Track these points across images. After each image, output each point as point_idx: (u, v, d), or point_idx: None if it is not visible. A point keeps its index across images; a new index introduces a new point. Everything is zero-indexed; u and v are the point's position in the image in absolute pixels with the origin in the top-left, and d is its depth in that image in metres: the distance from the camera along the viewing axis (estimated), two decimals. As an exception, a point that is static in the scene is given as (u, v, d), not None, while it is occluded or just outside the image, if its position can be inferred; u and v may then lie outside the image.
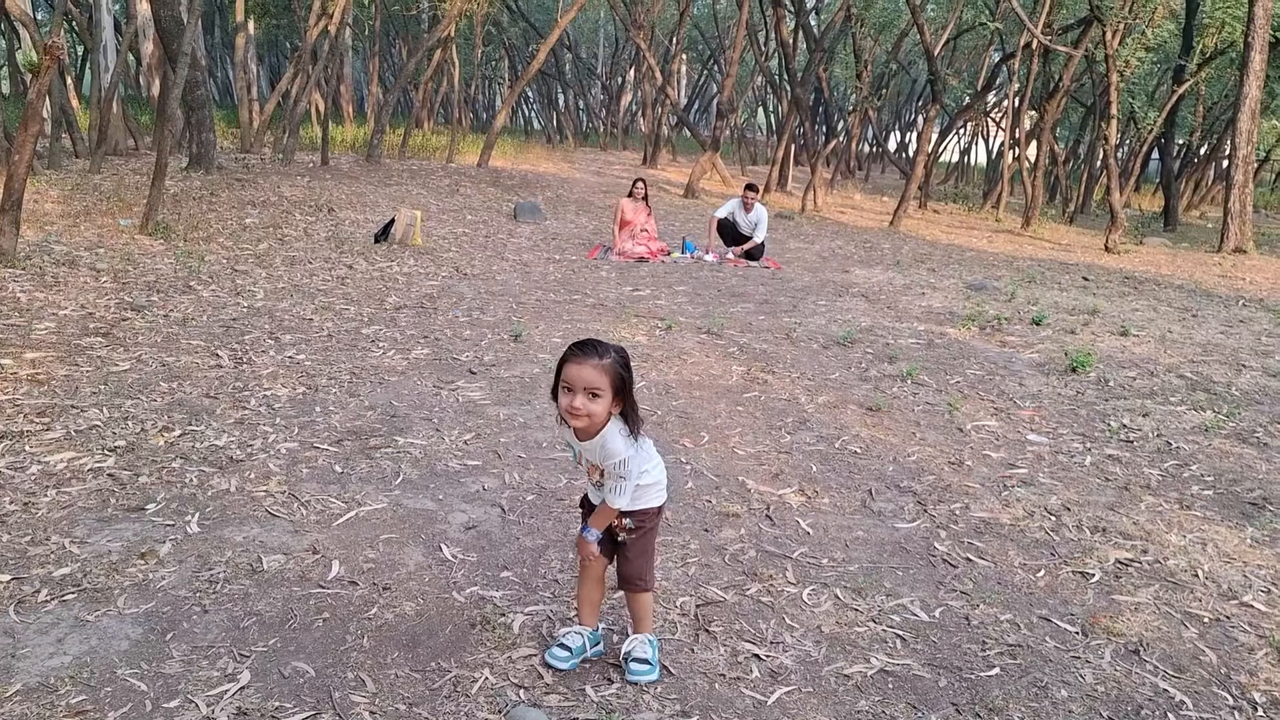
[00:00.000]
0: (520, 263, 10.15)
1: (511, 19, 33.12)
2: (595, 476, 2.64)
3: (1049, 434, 5.12)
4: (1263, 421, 5.51)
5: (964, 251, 14.12)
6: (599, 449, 2.54)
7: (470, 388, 5.32)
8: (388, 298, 7.67)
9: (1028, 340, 7.48)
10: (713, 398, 5.41)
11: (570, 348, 2.48)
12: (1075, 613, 3.16)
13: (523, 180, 19.06)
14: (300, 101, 18.02)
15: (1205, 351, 7.43)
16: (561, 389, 2.46)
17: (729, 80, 21.20)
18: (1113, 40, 15.75)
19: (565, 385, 2.45)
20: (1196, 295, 10.76)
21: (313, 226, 11.18)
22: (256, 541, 3.34)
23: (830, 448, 4.67)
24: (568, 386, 2.44)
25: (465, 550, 3.37)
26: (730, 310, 8.11)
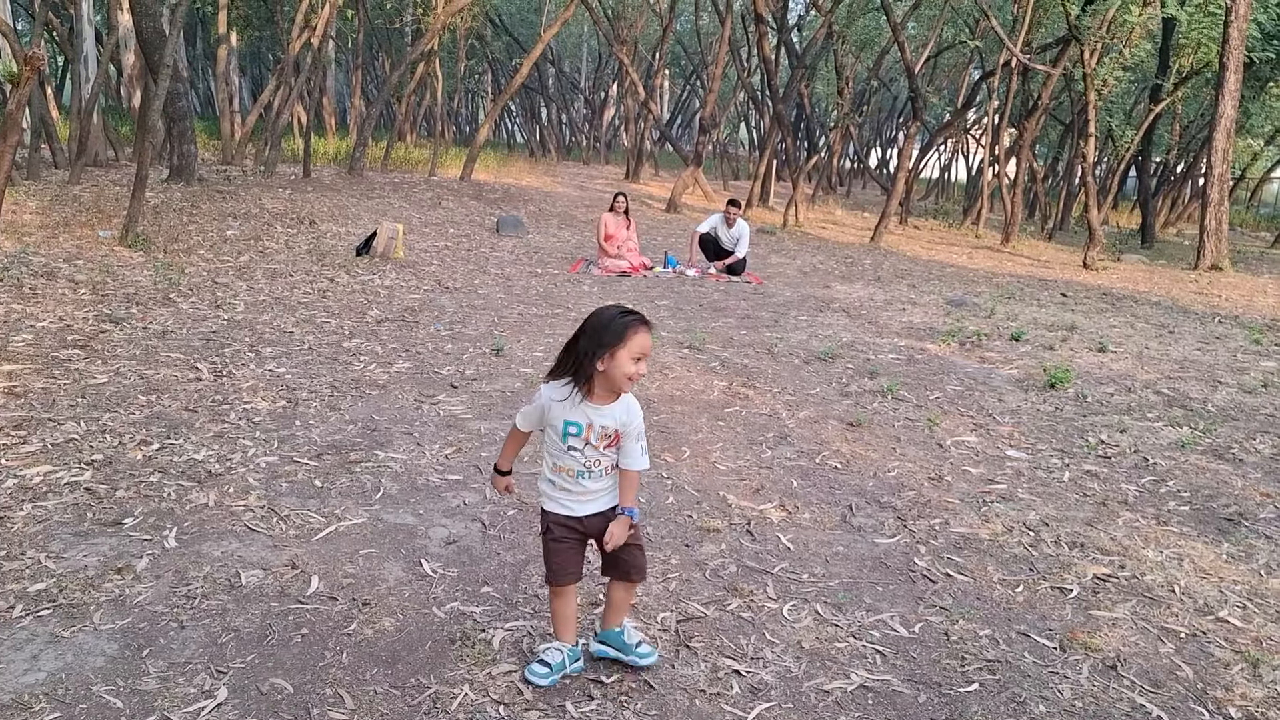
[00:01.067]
0: (502, 276, 10.14)
1: (495, 33, 33.19)
2: (603, 445, 2.61)
3: (1028, 450, 5.15)
4: (1238, 437, 5.57)
5: (944, 267, 14.21)
6: (623, 412, 2.60)
7: (451, 402, 5.31)
8: (369, 311, 7.65)
9: (1007, 356, 7.53)
10: (694, 412, 5.42)
11: (631, 317, 2.51)
12: (1053, 628, 3.18)
13: (505, 194, 19.07)
14: (282, 113, 17.99)
15: (1182, 368, 7.50)
16: (630, 359, 2.49)
17: (711, 96, 21.31)
18: (1091, 59, 15.94)
19: (638, 354, 2.50)
20: (1173, 312, 10.86)
21: (294, 239, 11.14)
22: (235, 556, 3.32)
23: (811, 463, 4.69)
24: (639, 356, 2.50)
25: (445, 565, 3.36)
26: (712, 325, 8.13)
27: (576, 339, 2.55)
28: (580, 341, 2.53)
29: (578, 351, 2.53)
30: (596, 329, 2.51)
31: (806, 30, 29.76)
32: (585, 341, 2.52)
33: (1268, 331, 9.65)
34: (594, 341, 2.50)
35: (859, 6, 24.30)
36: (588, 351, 2.51)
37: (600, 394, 2.57)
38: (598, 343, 2.50)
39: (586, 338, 2.52)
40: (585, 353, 2.51)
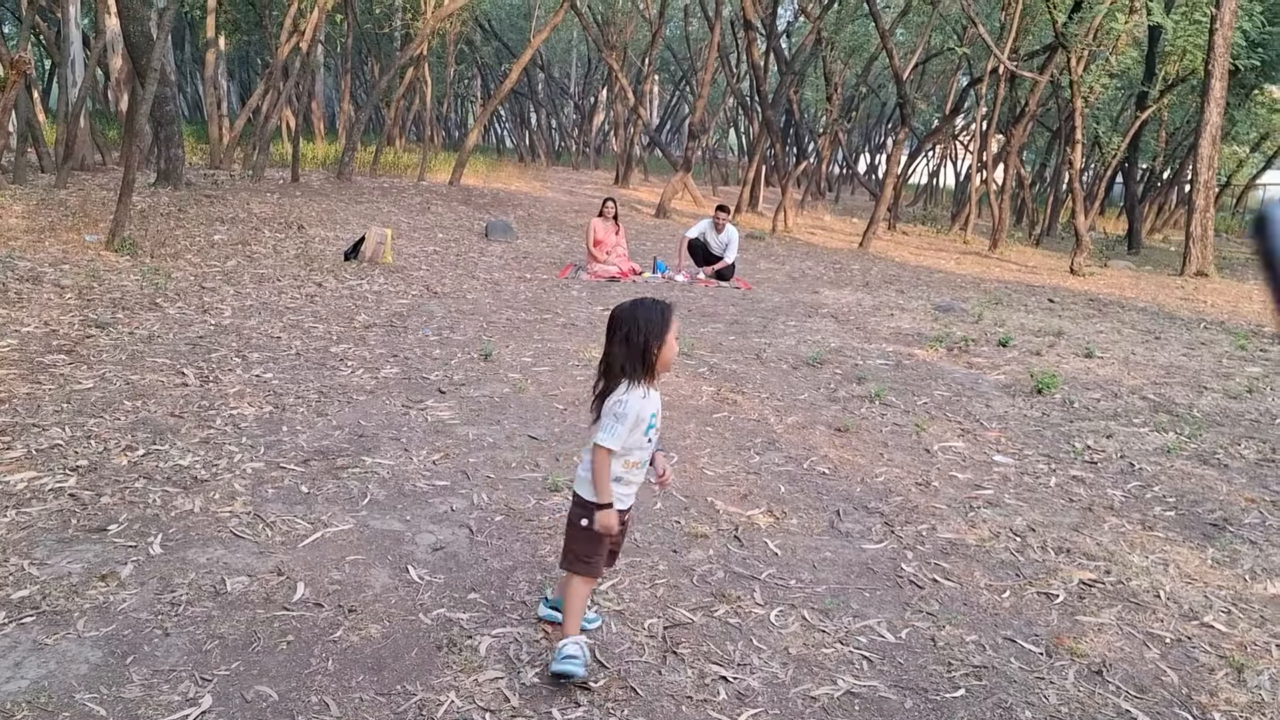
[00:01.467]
0: (491, 281, 10.14)
1: (484, 38, 33.22)
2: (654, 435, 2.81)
3: (1015, 455, 5.17)
4: (1223, 443, 5.60)
5: (932, 273, 14.25)
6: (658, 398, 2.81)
7: (439, 407, 5.30)
8: (357, 316, 7.63)
9: (994, 362, 7.56)
10: (682, 418, 5.42)
11: (664, 303, 2.73)
12: (1040, 633, 3.19)
13: (494, 199, 19.05)
14: (270, 118, 17.96)
15: (1168, 373, 7.54)
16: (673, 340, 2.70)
17: (700, 102, 21.34)
18: (1077, 66, 16.02)
19: (676, 335, 2.71)
20: (1159, 318, 10.92)
21: (282, 244, 11.11)
22: (220, 563, 3.30)
23: (799, 468, 4.69)
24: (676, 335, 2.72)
25: (432, 572, 3.36)
26: (700, 330, 8.14)
27: (627, 338, 2.66)
28: (634, 338, 2.66)
29: (636, 348, 2.66)
30: (648, 321, 2.67)
31: (795, 36, 29.87)
32: (640, 335, 2.66)
33: (1252, 337, 9.71)
34: (649, 333, 2.66)
35: (848, 13, 24.37)
36: (647, 343, 2.66)
37: (655, 381, 2.76)
38: (652, 333, 2.66)
39: (640, 332, 2.65)
40: (646, 346, 2.67)
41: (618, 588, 3.32)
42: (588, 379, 6.08)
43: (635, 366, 2.68)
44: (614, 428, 2.68)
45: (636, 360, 2.67)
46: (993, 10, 22.31)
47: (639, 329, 2.66)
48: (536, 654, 2.87)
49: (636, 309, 2.70)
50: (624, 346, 2.67)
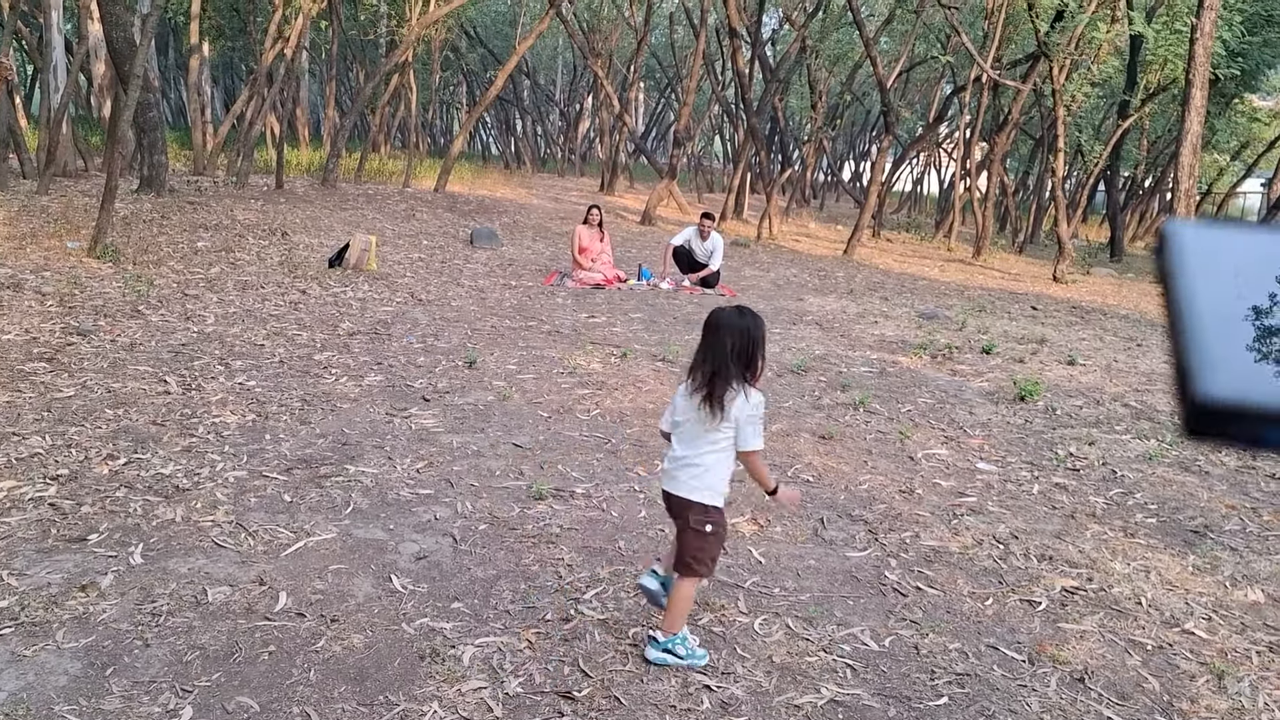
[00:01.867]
0: (476, 288, 10.12)
1: (470, 45, 33.21)
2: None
3: (998, 462, 5.19)
4: (1204, 450, 5.63)
5: (916, 280, 14.31)
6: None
7: (423, 415, 5.29)
8: (341, 323, 7.61)
9: (978, 369, 7.59)
10: (667, 426, 5.42)
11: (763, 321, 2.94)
12: (1022, 641, 3.20)
13: (480, 206, 19.04)
14: (255, 124, 17.90)
15: (1149, 380, 7.59)
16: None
17: (685, 109, 21.39)
18: (1060, 75, 16.14)
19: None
20: (1141, 325, 10.99)
21: (266, 250, 11.07)
22: (202, 573, 3.28)
23: (783, 476, 4.70)
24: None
25: (416, 581, 3.34)
26: (685, 337, 8.14)
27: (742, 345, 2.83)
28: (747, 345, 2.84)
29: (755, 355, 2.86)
30: (756, 328, 2.87)
31: (780, 44, 29.99)
32: (753, 345, 2.85)
33: (1233, 344, 9.78)
34: (757, 339, 2.86)
35: (832, 21, 24.49)
36: (760, 350, 2.88)
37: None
38: (759, 340, 2.87)
39: (754, 342, 2.86)
40: (760, 352, 2.88)
41: (601, 596, 3.32)
42: (572, 386, 6.09)
43: (746, 371, 2.84)
44: (759, 430, 2.92)
45: (746, 365, 2.84)
46: (976, 19, 22.47)
47: (749, 337, 2.84)
48: (520, 663, 2.87)
49: (744, 318, 2.87)
50: (737, 353, 2.82)
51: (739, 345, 2.82)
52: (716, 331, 2.86)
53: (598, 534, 3.84)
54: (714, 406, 2.82)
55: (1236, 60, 18.57)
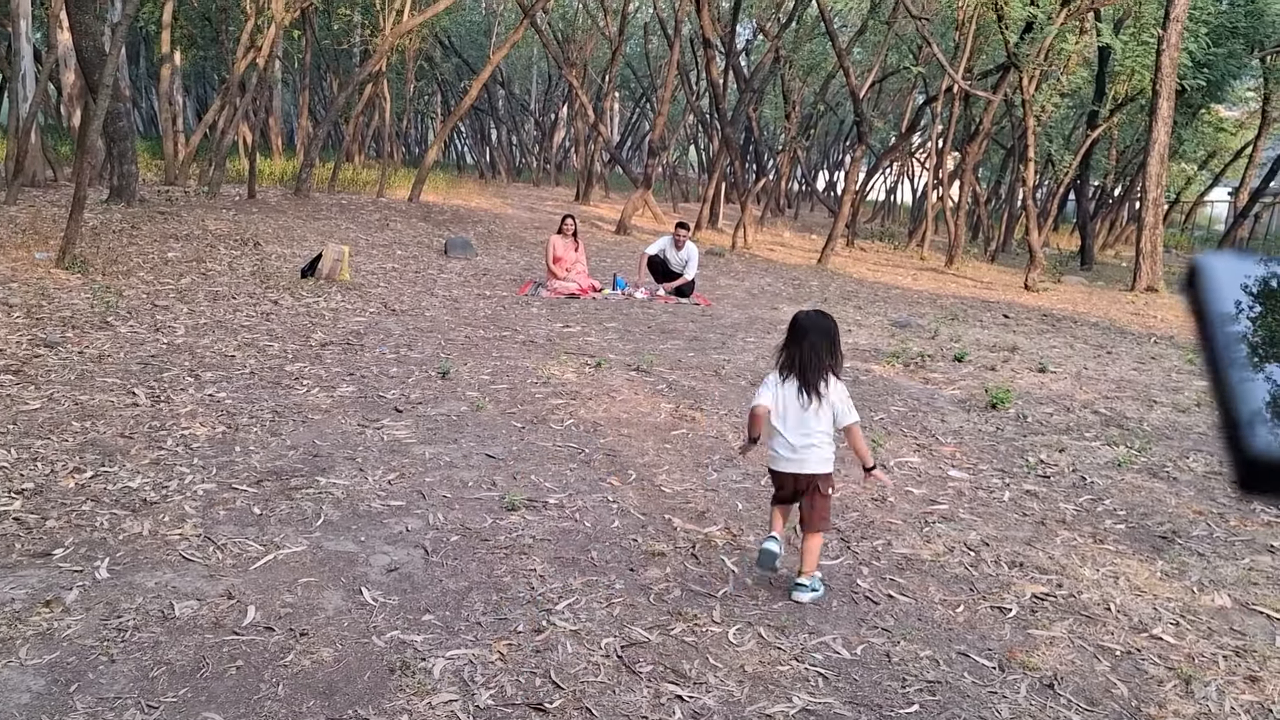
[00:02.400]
0: (450, 298, 10.09)
1: (445, 54, 33.16)
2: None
3: (969, 470, 5.22)
4: (1172, 456, 5.69)
5: (890, 289, 14.40)
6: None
7: (396, 426, 5.26)
8: (313, 334, 7.56)
9: (950, 377, 7.64)
10: (641, 435, 5.42)
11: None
12: (993, 648, 3.22)
13: (454, 215, 19.00)
14: (227, 134, 17.78)
15: (1119, 388, 7.67)
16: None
17: (660, 119, 21.46)
18: (1029, 86, 16.31)
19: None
20: (1111, 333, 11.11)
21: (238, 261, 10.99)
22: (169, 587, 3.25)
23: (756, 485, 4.71)
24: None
25: (386, 593, 3.32)
26: (660, 347, 8.15)
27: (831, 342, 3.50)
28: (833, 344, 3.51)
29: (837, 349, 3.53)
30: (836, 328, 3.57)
31: (754, 54, 30.14)
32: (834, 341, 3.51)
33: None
34: (836, 337, 3.53)
35: (805, 32, 24.66)
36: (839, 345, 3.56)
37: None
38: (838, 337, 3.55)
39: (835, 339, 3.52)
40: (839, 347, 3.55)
41: (574, 607, 3.31)
42: (546, 396, 6.07)
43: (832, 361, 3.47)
44: (853, 406, 3.54)
45: (832, 356, 3.47)
46: (947, 30, 22.66)
47: (830, 335, 3.51)
48: (491, 675, 2.85)
49: (825, 319, 3.56)
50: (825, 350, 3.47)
51: (824, 343, 3.47)
52: (806, 333, 3.48)
53: (570, 544, 3.84)
54: (813, 395, 3.44)
55: (1202, 71, 18.83)
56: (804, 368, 3.45)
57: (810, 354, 3.45)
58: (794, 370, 3.47)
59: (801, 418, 3.46)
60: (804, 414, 3.46)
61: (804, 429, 3.46)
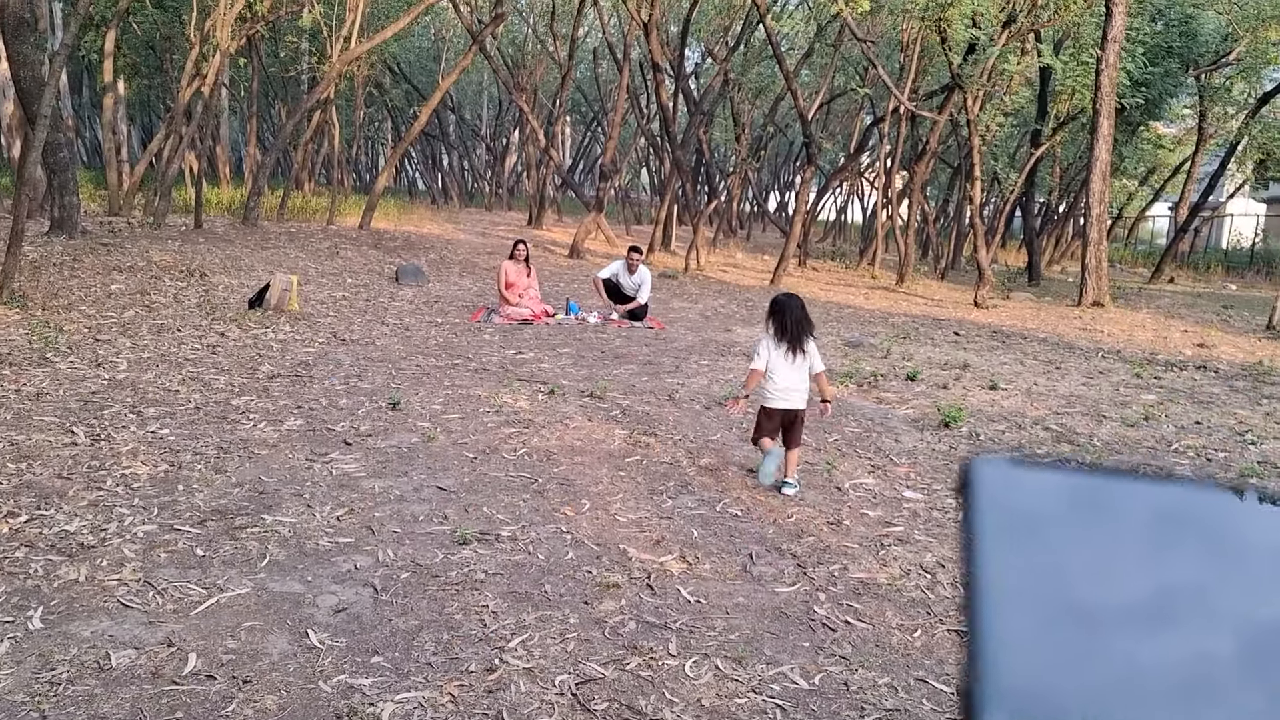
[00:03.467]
0: (401, 327, 9.98)
1: (394, 81, 33.04)
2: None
3: (924, 490, 5.23)
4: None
5: (842, 309, 14.50)
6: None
7: (345, 460, 5.16)
8: (260, 366, 7.42)
9: (903, 396, 7.68)
10: (595, 463, 5.36)
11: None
12: (950, 673, 3.20)
13: (406, 242, 18.87)
14: (172, 163, 17.52)
15: (1069, 403, 7.75)
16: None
17: (611, 143, 21.54)
18: (974, 106, 16.59)
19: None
20: (1060, 348, 11.25)
21: (183, 292, 10.81)
22: (105, 636, 3.13)
23: (711, 511, 4.67)
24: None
25: (334, 635, 3.23)
26: (614, 372, 8.11)
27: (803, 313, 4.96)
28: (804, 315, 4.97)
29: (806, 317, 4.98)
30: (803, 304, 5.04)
31: (703, 77, 30.37)
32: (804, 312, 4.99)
33: (1147, 365, 10.06)
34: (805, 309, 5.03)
35: (753, 55, 24.90)
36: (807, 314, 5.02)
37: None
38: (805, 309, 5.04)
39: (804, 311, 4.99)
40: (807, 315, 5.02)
41: (527, 644, 3.24)
42: (499, 425, 6.00)
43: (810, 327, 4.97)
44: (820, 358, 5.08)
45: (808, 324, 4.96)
46: (892, 52, 22.99)
47: (802, 309, 4.97)
48: (442, 718, 2.77)
49: (794, 299, 5.04)
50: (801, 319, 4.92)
51: (800, 314, 4.93)
52: (787, 309, 4.94)
53: (524, 578, 3.77)
54: (798, 352, 4.90)
55: (1140, 90, 19.29)
56: (791, 333, 4.87)
57: (793, 323, 4.87)
58: (784, 336, 4.88)
59: (789, 370, 4.89)
60: (790, 367, 4.89)
61: (791, 377, 4.90)
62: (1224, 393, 8.74)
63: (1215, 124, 24.86)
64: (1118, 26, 15.13)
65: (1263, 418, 7.58)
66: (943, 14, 14.94)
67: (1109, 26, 15.12)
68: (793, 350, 4.85)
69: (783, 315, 4.90)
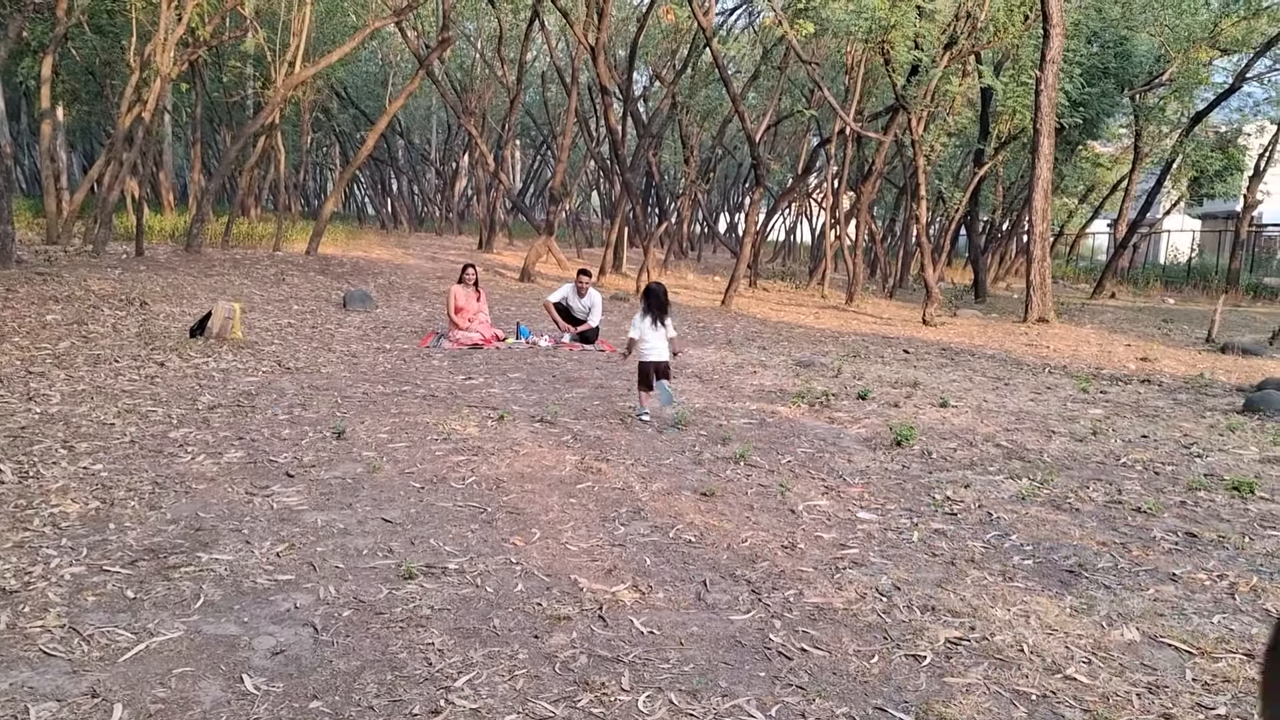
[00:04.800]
0: (348, 353, 9.80)
1: (342, 106, 32.77)
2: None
3: (878, 510, 5.19)
4: (1073, 486, 5.77)
5: (793, 329, 14.54)
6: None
7: (286, 492, 5.00)
8: (201, 397, 7.21)
9: (854, 415, 7.67)
10: (545, 490, 5.25)
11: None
12: (909, 700, 3.14)
13: (354, 267, 18.64)
14: (112, 189, 17.15)
15: (1018, 420, 7.79)
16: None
17: (560, 166, 21.49)
18: (918, 127, 16.79)
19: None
20: (1007, 364, 11.36)
21: (122, 322, 10.53)
22: (25, 688, 2.96)
23: (664, 538, 4.58)
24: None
25: (270, 679, 3.09)
26: (565, 396, 8.01)
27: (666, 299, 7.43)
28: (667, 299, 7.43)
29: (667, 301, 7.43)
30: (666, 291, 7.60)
31: (652, 101, 30.48)
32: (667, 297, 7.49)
33: (1092, 380, 10.18)
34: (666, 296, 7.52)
35: (700, 78, 25.04)
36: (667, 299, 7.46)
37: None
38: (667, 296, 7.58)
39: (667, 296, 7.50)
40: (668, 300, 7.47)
41: (474, 682, 3.12)
42: (447, 454, 5.87)
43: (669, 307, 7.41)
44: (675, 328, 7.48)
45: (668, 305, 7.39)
46: (837, 75, 23.28)
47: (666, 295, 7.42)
48: (384, 766, 2.65)
49: (661, 286, 7.51)
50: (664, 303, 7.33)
51: (664, 299, 7.36)
52: (652, 296, 7.36)
53: (471, 613, 3.65)
54: (660, 323, 7.23)
55: (1079, 110, 19.66)
56: (654, 311, 7.31)
57: (655, 305, 7.31)
58: (650, 312, 7.30)
59: (653, 335, 7.26)
60: (656, 333, 7.27)
61: (656, 339, 7.27)
62: (1168, 406, 8.86)
63: (1150, 143, 25.43)
64: (1055, 48, 15.42)
65: (1206, 430, 7.67)
66: (885, 36, 15.13)
67: (1047, 48, 15.40)
68: (655, 321, 7.27)
69: (649, 299, 7.35)
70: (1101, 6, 20.37)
